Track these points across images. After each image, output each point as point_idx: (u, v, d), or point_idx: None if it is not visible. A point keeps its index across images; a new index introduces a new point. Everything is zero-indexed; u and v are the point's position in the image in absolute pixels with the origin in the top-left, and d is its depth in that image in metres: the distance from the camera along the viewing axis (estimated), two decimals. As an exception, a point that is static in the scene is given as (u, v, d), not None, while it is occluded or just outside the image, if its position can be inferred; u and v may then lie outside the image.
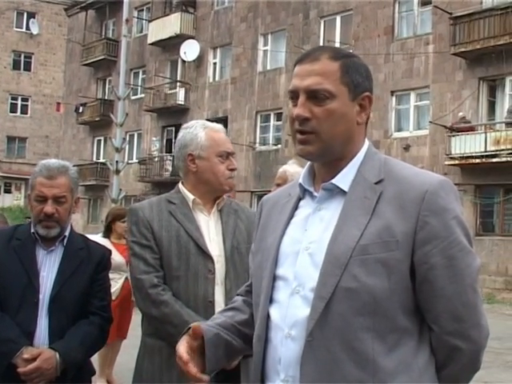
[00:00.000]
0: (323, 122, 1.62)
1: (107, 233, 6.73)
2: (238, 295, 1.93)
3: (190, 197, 2.69)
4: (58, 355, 2.61)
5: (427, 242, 1.55)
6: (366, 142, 1.71)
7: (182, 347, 1.67)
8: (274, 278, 1.68)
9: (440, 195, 1.57)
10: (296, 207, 1.73)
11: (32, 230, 2.75)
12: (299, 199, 1.74)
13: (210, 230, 2.69)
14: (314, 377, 1.55)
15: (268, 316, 1.66)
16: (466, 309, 1.58)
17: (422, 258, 1.56)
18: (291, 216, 1.72)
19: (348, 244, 1.56)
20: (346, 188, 1.64)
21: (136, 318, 2.80)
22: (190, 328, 1.71)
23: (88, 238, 2.96)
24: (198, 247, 2.61)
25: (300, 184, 1.73)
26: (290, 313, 1.61)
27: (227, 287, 2.63)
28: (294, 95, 1.66)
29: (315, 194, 1.69)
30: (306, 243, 1.63)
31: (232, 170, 2.73)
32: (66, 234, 2.79)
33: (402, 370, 1.54)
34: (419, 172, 1.65)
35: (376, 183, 1.62)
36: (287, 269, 1.65)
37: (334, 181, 1.65)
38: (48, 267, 2.72)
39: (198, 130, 2.72)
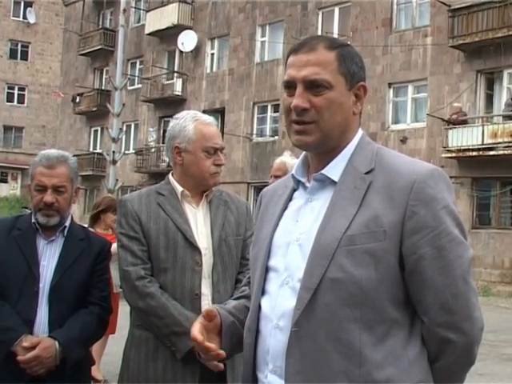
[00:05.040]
0: (323, 112, 1.60)
1: (93, 222, 6.21)
2: (243, 286, 1.95)
3: (179, 188, 2.68)
4: (57, 344, 2.62)
5: (415, 232, 1.53)
6: (359, 132, 1.69)
7: (195, 328, 1.66)
8: (267, 269, 1.68)
9: (429, 184, 1.55)
10: (290, 198, 1.73)
11: (33, 220, 2.75)
12: (294, 190, 1.74)
13: (198, 222, 2.67)
14: (299, 367, 1.55)
15: (259, 307, 1.67)
16: (456, 300, 1.54)
17: (411, 249, 1.53)
18: (285, 207, 1.72)
19: (335, 234, 1.55)
20: (336, 178, 1.63)
21: (126, 308, 2.80)
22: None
23: (88, 229, 2.97)
24: (186, 239, 2.60)
25: (293, 175, 1.73)
26: (278, 304, 1.61)
27: (214, 280, 2.61)
28: (289, 85, 1.64)
29: (307, 184, 1.69)
30: (297, 234, 1.63)
31: (218, 165, 2.68)
32: (67, 224, 2.80)
33: (390, 362, 1.53)
34: (410, 161, 1.63)
35: (366, 173, 1.60)
36: (278, 260, 1.65)
37: (324, 171, 1.64)
38: (48, 257, 2.73)
39: (187, 122, 2.67)
